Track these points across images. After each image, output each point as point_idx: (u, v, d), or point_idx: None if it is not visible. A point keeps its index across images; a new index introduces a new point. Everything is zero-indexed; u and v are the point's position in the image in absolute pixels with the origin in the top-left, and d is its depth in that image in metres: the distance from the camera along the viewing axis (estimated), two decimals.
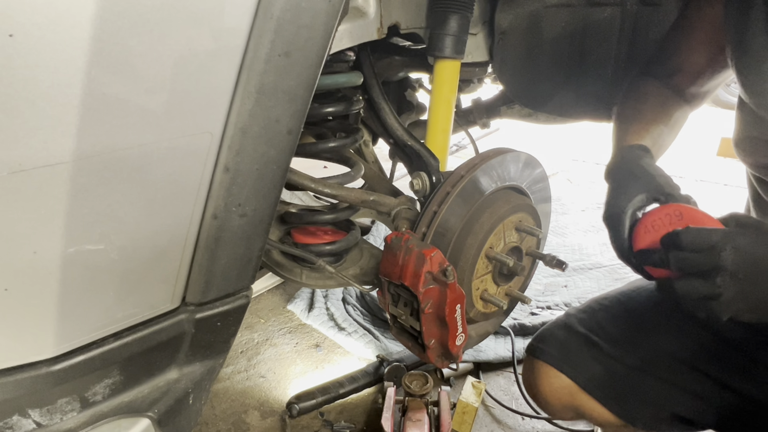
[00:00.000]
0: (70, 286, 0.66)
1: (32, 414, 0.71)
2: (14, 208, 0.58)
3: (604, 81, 1.37)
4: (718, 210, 0.84)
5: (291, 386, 1.72)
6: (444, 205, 1.10)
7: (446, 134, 1.25)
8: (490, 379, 1.79)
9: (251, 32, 0.64)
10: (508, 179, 1.20)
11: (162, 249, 0.73)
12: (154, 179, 0.66)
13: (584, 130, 4.12)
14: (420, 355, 1.17)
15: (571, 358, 1.11)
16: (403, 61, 1.44)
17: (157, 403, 0.80)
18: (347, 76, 1.14)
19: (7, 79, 0.51)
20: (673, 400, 1.06)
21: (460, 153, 3.93)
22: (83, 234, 0.63)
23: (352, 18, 0.98)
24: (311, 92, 0.73)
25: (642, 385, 1.08)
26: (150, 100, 0.61)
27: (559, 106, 1.45)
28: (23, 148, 0.55)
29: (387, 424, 1.36)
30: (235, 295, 0.85)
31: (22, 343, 0.68)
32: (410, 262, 1.03)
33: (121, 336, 0.75)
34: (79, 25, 0.52)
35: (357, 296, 2.14)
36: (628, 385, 1.08)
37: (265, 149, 0.72)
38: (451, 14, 1.12)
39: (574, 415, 1.16)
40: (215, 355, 0.89)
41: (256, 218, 0.78)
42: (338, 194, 1.13)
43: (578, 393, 1.10)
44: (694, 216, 0.85)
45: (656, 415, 1.08)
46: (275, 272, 1.25)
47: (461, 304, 1.06)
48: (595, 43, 1.32)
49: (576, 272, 2.40)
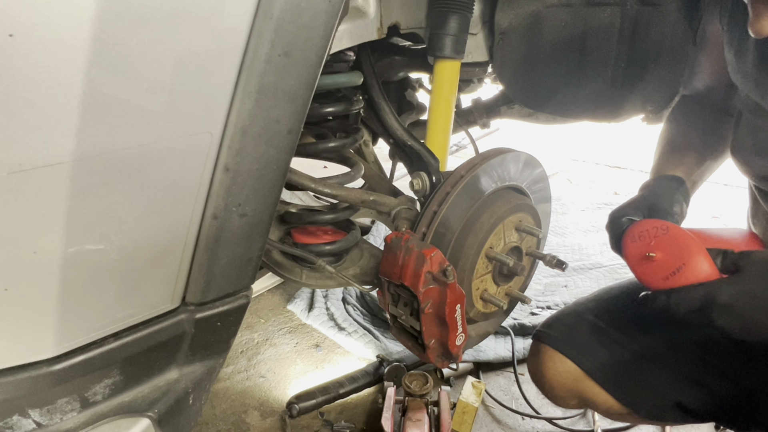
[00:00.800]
0: (70, 286, 0.66)
1: (32, 414, 0.71)
2: (14, 208, 0.58)
3: (604, 81, 1.37)
4: (719, 210, 0.84)
5: (291, 386, 1.72)
6: (444, 205, 1.10)
7: (446, 134, 1.24)
8: (490, 379, 1.79)
9: (251, 32, 0.64)
10: (508, 179, 1.20)
11: (162, 249, 0.73)
12: (154, 179, 0.66)
13: (584, 130, 4.12)
14: (420, 355, 1.17)
15: (576, 343, 1.11)
16: (403, 61, 1.44)
17: (157, 403, 0.80)
18: (347, 76, 1.14)
19: (7, 79, 0.51)
20: (677, 388, 1.06)
21: (460, 153, 3.93)
22: (83, 234, 0.63)
23: (352, 18, 0.98)
24: (311, 92, 0.73)
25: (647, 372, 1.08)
26: (150, 101, 0.61)
27: (559, 106, 1.45)
28: (23, 148, 0.55)
29: (387, 424, 1.36)
30: (235, 295, 0.85)
31: (22, 343, 0.68)
32: (410, 262, 1.03)
33: (121, 336, 0.75)
34: (79, 25, 0.52)
35: (357, 296, 2.14)
36: (633, 371, 1.08)
37: (265, 149, 0.72)
38: (451, 14, 1.12)
39: (578, 402, 1.16)
40: (215, 355, 0.89)
41: (256, 218, 0.78)
42: (338, 194, 1.13)
43: (582, 378, 1.10)
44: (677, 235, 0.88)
45: (660, 403, 1.08)
46: (275, 272, 1.25)
47: (461, 304, 1.06)
48: (595, 43, 1.32)
49: (576, 272, 2.40)
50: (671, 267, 0.87)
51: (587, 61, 1.35)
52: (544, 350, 1.14)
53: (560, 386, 1.13)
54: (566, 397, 1.16)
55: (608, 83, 1.37)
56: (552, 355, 1.13)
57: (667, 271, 0.87)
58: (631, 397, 1.09)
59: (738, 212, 2.91)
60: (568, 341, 1.12)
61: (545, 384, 1.16)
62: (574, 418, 1.62)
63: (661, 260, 0.89)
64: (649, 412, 1.10)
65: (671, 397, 1.07)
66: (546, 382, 1.15)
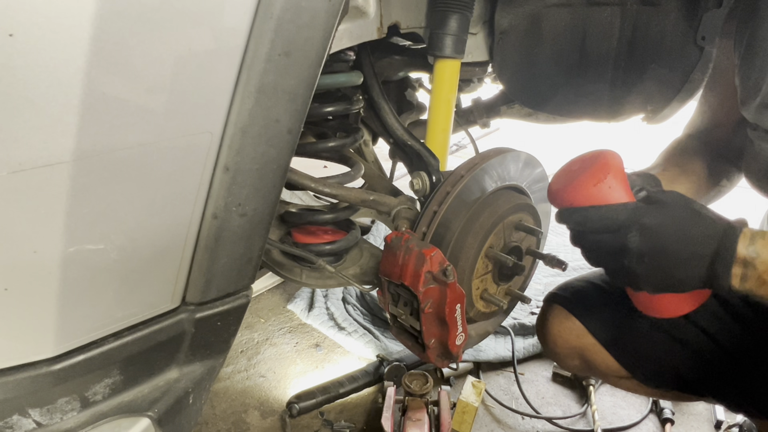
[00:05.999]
0: (70, 286, 0.66)
1: (32, 413, 0.71)
2: (14, 207, 0.58)
3: (604, 81, 1.37)
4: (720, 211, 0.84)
5: (291, 386, 1.72)
6: (444, 204, 1.10)
7: (446, 134, 1.24)
8: (490, 378, 1.79)
9: (251, 32, 0.64)
10: (508, 179, 1.20)
11: (162, 248, 0.73)
12: (154, 179, 0.66)
13: (584, 130, 4.12)
14: (420, 354, 1.17)
15: (583, 302, 1.15)
16: (403, 61, 1.44)
17: (157, 403, 0.80)
18: (347, 76, 1.14)
19: (7, 79, 0.51)
20: (675, 355, 1.09)
21: (460, 153, 3.93)
22: (83, 234, 0.63)
23: (352, 17, 0.98)
24: (311, 92, 0.73)
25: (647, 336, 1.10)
26: (150, 100, 0.61)
27: (560, 106, 1.45)
28: (23, 147, 0.55)
29: (387, 424, 1.36)
30: (235, 295, 0.85)
31: (22, 342, 0.68)
32: (410, 261, 1.03)
33: (121, 335, 0.75)
34: (79, 25, 0.52)
35: (357, 296, 2.14)
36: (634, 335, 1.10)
37: (265, 149, 0.72)
38: (451, 14, 1.12)
39: (580, 362, 1.19)
40: (215, 355, 0.89)
41: (256, 218, 0.78)
42: (338, 194, 1.13)
43: (585, 335, 1.13)
44: (599, 154, 0.88)
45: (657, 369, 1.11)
46: (275, 272, 1.25)
47: (461, 304, 1.06)
48: (595, 43, 1.32)
49: (576, 272, 2.39)
50: (593, 180, 0.85)
51: (587, 61, 1.35)
52: (551, 309, 1.19)
53: (563, 342, 1.17)
54: (568, 356, 1.19)
55: (608, 83, 1.37)
56: (559, 312, 1.18)
57: (590, 183, 0.85)
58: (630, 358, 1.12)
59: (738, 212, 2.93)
60: (576, 300, 1.16)
61: (549, 341, 1.20)
62: (574, 417, 1.63)
63: (581, 172, 0.88)
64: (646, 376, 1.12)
65: (668, 363, 1.10)
66: (550, 339, 1.20)
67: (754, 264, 0.75)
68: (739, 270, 0.76)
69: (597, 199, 0.85)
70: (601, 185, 0.84)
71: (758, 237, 0.76)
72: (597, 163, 0.87)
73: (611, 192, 0.84)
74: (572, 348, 1.16)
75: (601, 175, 0.85)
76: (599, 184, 0.84)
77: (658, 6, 1.24)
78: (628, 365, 1.12)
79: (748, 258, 0.75)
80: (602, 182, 0.84)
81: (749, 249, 0.75)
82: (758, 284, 0.76)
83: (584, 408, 1.65)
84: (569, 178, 0.90)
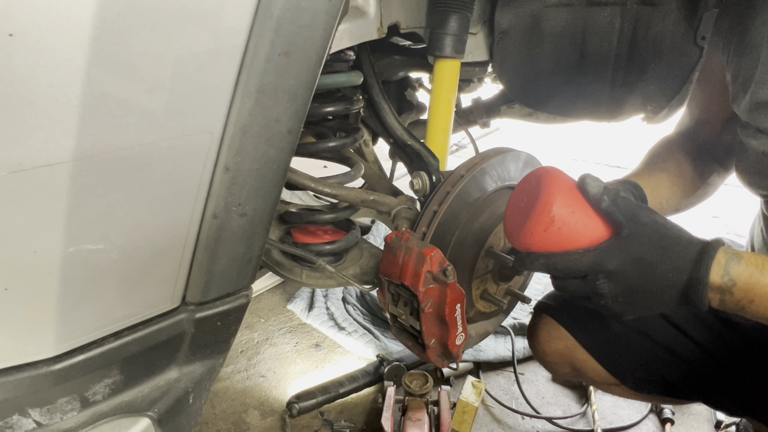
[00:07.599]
0: (70, 286, 0.66)
1: (32, 413, 0.71)
2: (14, 207, 0.58)
3: (604, 81, 1.37)
4: (718, 210, 0.83)
5: (291, 386, 1.72)
6: (444, 204, 1.10)
7: (446, 134, 1.25)
8: (490, 378, 1.79)
9: (251, 32, 0.64)
10: (508, 179, 1.20)
11: (162, 248, 0.73)
12: (154, 179, 0.66)
13: (584, 130, 4.12)
14: (420, 354, 1.17)
15: (570, 312, 1.15)
16: (403, 61, 1.44)
17: (157, 403, 0.80)
18: (347, 76, 1.14)
19: (7, 78, 0.51)
20: (662, 362, 1.10)
21: (460, 152, 3.93)
22: (83, 233, 0.63)
23: (352, 17, 0.98)
24: (311, 92, 0.73)
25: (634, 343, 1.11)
26: (150, 100, 0.61)
27: (560, 106, 1.45)
28: (23, 147, 0.55)
29: (387, 424, 1.36)
30: (235, 295, 0.85)
31: (23, 342, 0.68)
32: (410, 261, 1.03)
33: (121, 335, 0.75)
34: (79, 25, 0.52)
35: (357, 296, 2.14)
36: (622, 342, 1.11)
37: (265, 149, 0.72)
38: (451, 14, 1.12)
39: (570, 370, 1.20)
40: (215, 355, 0.89)
41: (256, 218, 0.78)
42: (338, 194, 1.13)
43: (574, 345, 1.14)
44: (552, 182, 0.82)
45: (646, 376, 1.12)
46: (275, 272, 1.25)
47: (461, 304, 1.06)
48: (595, 43, 1.32)
49: None
50: (541, 226, 0.80)
51: (587, 61, 1.36)
52: (540, 318, 1.20)
53: (553, 352, 1.18)
54: (559, 364, 1.20)
55: (608, 83, 1.37)
56: (548, 322, 1.18)
57: (539, 229, 0.80)
58: (618, 366, 1.12)
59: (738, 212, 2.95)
60: (563, 310, 1.16)
61: (539, 350, 1.21)
62: (574, 417, 1.63)
63: (528, 210, 0.82)
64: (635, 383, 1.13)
65: (656, 370, 1.10)
66: (540, 348, 1.20)
67: (731, 291, 0.75)
68: (716, 296, 0.76)
69: (552, 243, 0.81)
70: (551, 229, 0.80)
71: (733, 262, 0.75)
72: (539, 202, 0.81)
73: (563, 231, 0.80)
74: (562, 357, 1.17)
75: (546, 218, 0.80)
76: (549, 229, 0.80)
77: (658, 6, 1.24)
78: (617, 373, 1.12)
79: (725, 287, 0.75)
80: (551, 226, 0.80)
81: (724, 278, 0.74)
82: (738, 308, 0.76)
83: (584, 408, 1.65)
84: (520, 219, 0.85)
